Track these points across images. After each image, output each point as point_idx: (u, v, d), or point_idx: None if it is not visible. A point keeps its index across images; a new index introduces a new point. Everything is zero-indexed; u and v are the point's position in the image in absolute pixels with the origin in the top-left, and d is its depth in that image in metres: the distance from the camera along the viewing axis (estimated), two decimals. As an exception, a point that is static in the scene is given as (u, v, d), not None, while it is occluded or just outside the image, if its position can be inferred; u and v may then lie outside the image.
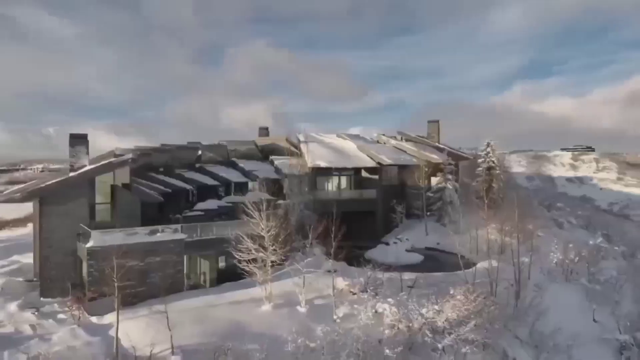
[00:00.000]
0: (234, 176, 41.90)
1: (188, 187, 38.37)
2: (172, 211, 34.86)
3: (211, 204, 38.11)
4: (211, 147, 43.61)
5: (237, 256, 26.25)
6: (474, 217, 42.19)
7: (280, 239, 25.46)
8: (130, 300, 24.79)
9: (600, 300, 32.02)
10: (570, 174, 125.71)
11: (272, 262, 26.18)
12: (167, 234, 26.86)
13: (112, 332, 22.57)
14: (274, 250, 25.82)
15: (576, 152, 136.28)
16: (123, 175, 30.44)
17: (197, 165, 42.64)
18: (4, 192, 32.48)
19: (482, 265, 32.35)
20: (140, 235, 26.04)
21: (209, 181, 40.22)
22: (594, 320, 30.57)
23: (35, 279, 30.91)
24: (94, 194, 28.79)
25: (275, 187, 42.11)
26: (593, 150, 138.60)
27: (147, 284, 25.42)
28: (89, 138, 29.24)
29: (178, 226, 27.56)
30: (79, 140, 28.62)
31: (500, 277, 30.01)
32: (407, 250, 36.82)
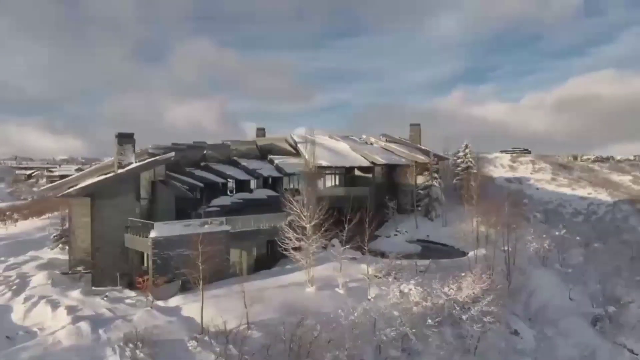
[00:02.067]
0: (238, 174, 44.34)
1: (200, 184, 40.54)
2: (189, 207, 37.11)
3: (225, 200, 40.69)
4: (215, 147, 45.71)
5: (281, 244, 29.27)
6: (456, 212, 47.30)
7: (324, 228, 28.70)
8: (187, 286, 27.29)
9: (572, 281, 37.64)
10: (510, 174, 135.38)
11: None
12: (214, 225, 29.45)
13: (183, 313, 25.16)
14: (316, 239, 29.07)
15: (514, 154, 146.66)
16: (160, 172, 32.60)
17: (203, 163, 44.67)
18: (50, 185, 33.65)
19: (473, 253, 37.05)
20: (194, 226, 28.52)
21: (217, 179, 42.49)
22: (569, 298, 35.99)
23: (70, 272, 32.42)
24: (139, 189, 30.79)
25: (278, 184, 45.34)
26: (529, 152, 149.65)
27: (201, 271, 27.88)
28: (15, 134, 31.10)
29: (223, 219, 30.22)
30: (126, 140, 30.59)
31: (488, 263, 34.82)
32: (407, 242, 40.98)
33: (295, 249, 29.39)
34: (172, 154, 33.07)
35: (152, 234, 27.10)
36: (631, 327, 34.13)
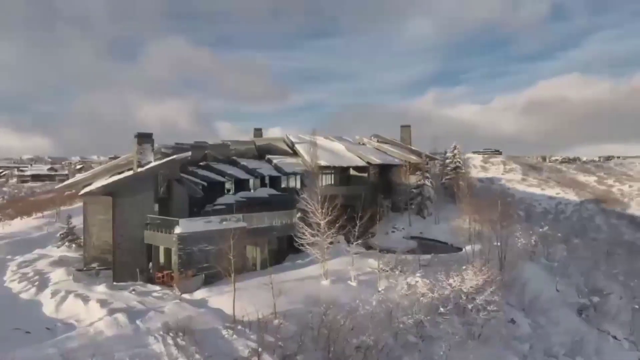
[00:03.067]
0: (239, 173, 45.51)
1: (204, 183, 41.59)
2: (195, 205, 38.16)
3: (229, 198, 41.87)
4: (215, 146, 46.77)
5: (296, 240, 30.79)
6: (447, 210, 49.69)
7: (338, 224, 30.30)
8: (209, 280, 28.59)
9: (558, 274, 40.41)
10: (482, 175, 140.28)
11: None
12: (231, 222, 30.69)
13: (211, 305, 26.39)
14: (330, 234, 30.68)
15: (486, 155, 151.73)
16: (174, 171, 33.63)
17: (203, 163, 45.66)
18: (65, 183, 34.16)
19: (470, 248, 39.33)
20: (214, 223, 29.73)
21: (220, 178, 43.61)
22: (556, 289, 38.65)
23: (85, 268, 33.12)
24: (157, 187, 31.75)
25: (277, 183, 46.71)
26: (500, 153, 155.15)
27: (220, 266, 29.13)
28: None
29: (240, 216, 31.50)
30: (145, 139, 31.51)
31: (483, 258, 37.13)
32: (404, 238, 43.03)
33: (307, 244, 30.95)
34: (189, 153, 34.23)
35: (177, 230, 28.20)
36: (612, 315, 37.16)
